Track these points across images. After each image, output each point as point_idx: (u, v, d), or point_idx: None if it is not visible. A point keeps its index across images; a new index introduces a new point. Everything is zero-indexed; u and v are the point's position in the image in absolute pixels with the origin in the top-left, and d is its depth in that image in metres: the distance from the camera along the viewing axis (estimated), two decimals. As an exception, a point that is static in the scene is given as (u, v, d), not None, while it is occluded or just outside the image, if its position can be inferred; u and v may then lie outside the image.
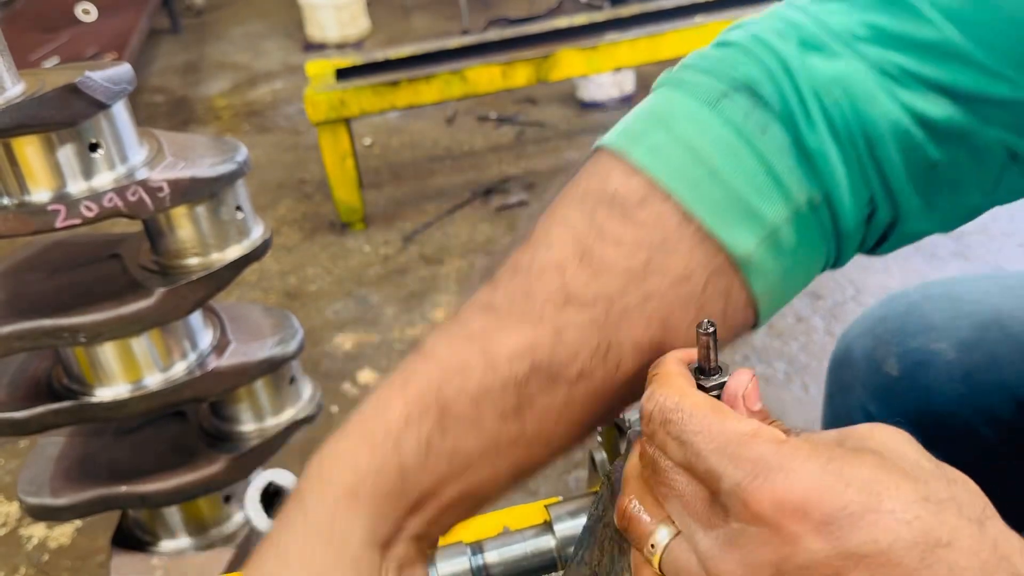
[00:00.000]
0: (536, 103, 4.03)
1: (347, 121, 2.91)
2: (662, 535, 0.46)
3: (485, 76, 2.89)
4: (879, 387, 0.89)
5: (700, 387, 0.50)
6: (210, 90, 4.70)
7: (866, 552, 0.38)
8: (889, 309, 0.93)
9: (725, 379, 0.50)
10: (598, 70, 3.06)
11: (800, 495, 0.39)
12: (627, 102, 3.78)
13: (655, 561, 0.46)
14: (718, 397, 0.50)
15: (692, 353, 0.52)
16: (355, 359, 2.48)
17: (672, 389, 0.47)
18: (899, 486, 0.39)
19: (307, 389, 1.26)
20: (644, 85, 3.79)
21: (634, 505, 0.48)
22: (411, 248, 3.01)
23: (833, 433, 0.45)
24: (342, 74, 2.98)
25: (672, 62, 0.60)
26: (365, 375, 2.41)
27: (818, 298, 2.48)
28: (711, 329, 0.49)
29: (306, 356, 2.49)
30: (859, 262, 2.50)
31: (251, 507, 0.83)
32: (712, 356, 0.50)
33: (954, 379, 0.83)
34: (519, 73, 2.90)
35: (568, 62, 2.93)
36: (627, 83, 3.76)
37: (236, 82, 4.77)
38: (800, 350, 2.28)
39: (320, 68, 3.02)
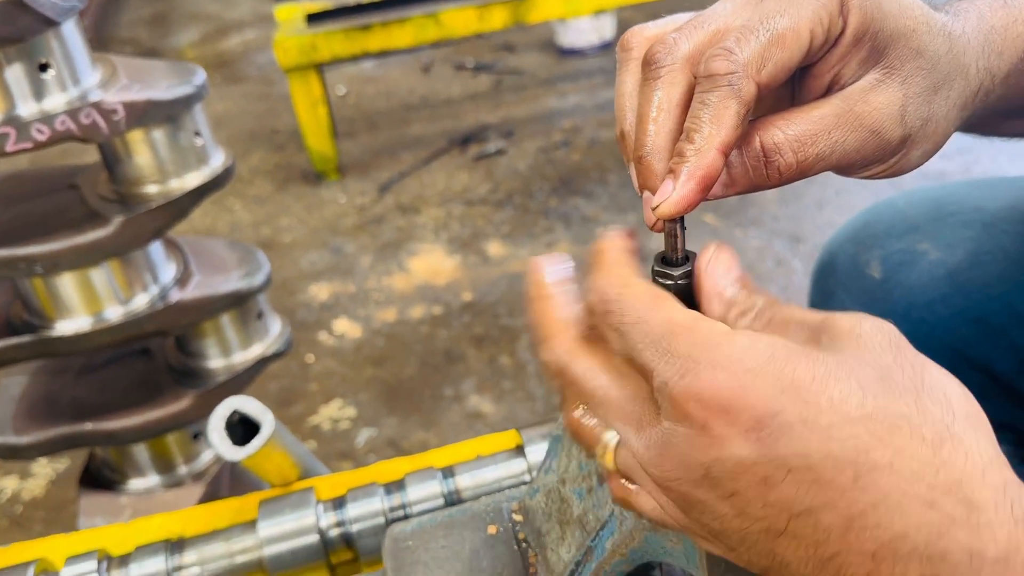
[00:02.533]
0: (514, 50, 3.96)
1: (318, 67, 2.85)
2: (610, 436, 0.44)
3: (460, 19, 2.82)
4: (862, 291, 0.87)
5: (663, 276, 0.47)
6: (179, 41, 4.59)
7: (794, 465, 0.36)
8: (873, 215, 0.91)
9: (691, 268, 0.47)
10: (576, 12, 2.99)
11: (728, 395, 0.36)
12: (607, 48, 3.73)
13: (609, 462, 0.44)
14: (684, 288, 0.48)
15: (630, 235, 0.49)
16: (331, 308, 2.45)
17: (614, 278, 0.44)
18: (844, 399, 0.36)
19: (276, 325, 1.23)
20: (624, 31, 3.73)
21: (580, 411, 0.46)
22: (387, 198, 2.96)
23: (817, 317, 0.41)
24: (313, 19, 2.91)
25: (653, 5, 0.57)
26: (342, 324, 2.38)
27: (798, 242, 2.47)
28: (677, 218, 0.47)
29: (281, 306, 2.46)
30: (840, 207, 2.49)
31: (215, 435, 0.81)
32: (678, 245, 0.47)
33: (937, 278, 0.82)
34: (495, 15, 2.84)
35: (546, 3, 2.87)
36: (607, 29, 3.70)
37: (206, 32, 4.66)
38: (780, 293, 2.27)
39: (290, 13, 2.94)
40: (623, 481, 0.45)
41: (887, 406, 0.36)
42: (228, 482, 1.23)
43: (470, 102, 3.57)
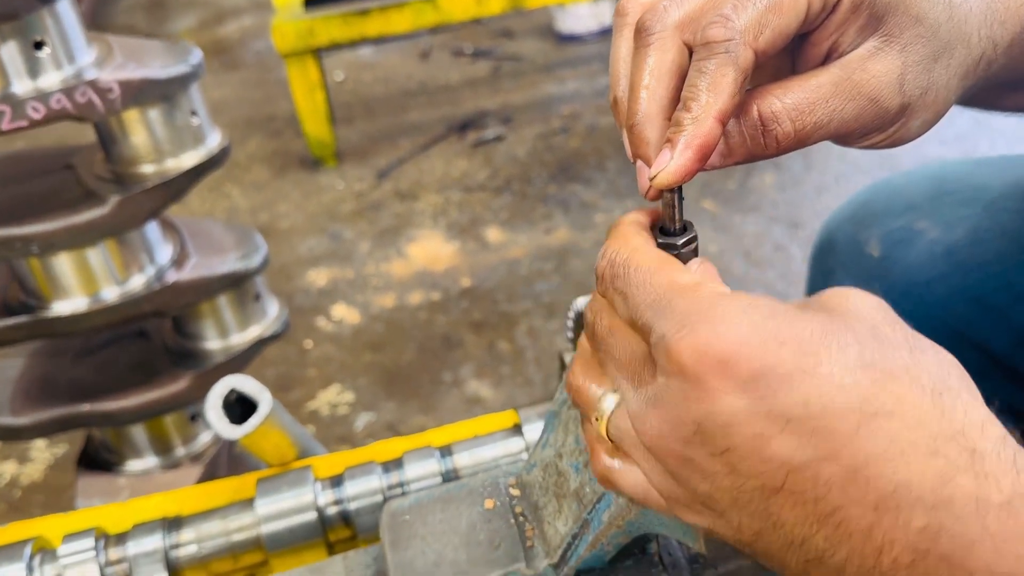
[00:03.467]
0: (513, 36, 3.94)
1: (316, 52, 2.83)
2: (608, 402, 0.44)
3: (458, 4, 2.81)
4: (861, 269, 0.87)
5: (667, 247, 0.48)
6: (177, 27, 4.57)
7: (793, 415, 0.35)
8: (872, 194, 0.91)
9: (689, 236, 0.48)
10: (575, -2, 2.98)
11: (725, 349, 0.37)
12: (606, 34, 3.71)
13: (602, 428, 0.45)
14: (681, 256, 0.48)
15: (651, 215, 0.50)
16: (329, 294, 2.45)
17: (624, 244, 0.44)
18: (843, 350, 0.36)
19: (273, 307, 1.23)
20: (622, 18, 3.71)
21: (580, 375, 0.47)
22: (385, 184, 2.96)
23: (801, 300, 0.43)
24: (310, 3, 2.89)
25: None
26: (340, 310, 2.38)
27: (797, 227, 2.46)
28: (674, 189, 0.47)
29: (279, 291, 2.46)
30: (839, 193, 2.48)
31: (212, 414, 0.80)
32: (676, 216, 0.48)
33: (936, 256, 0.82)
34: (493, 0, 2.82)
35: (544, -12, 2.86)
36: (605, 15, 3.69)
37: (203, 19, 4.64)
38: (778, 278, 2.27)
39: (288, -3, 2.92)
40: (606, 457, 0.45)
41: (884, 357, 0.37)
42: (226, 464, 1.23)
43: (468, 88, 3.56)
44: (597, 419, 0.45)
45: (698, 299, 0.39)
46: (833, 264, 0.91)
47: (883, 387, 0.36)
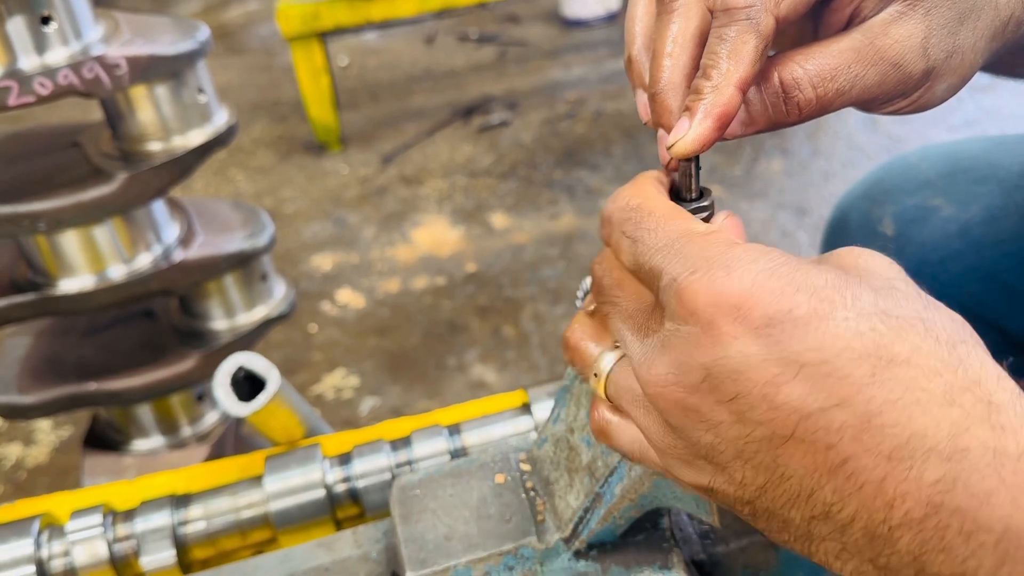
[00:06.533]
0: (518, 21, 3.93)
1: (321, 36, 2.82)
2: (607, 361, 0.45)
3: (465, -13, 2.80)
4: (874, 248, 0.86)
5: None
6: (181, 12, 4.55)
7: (808, 360, 0.34)
8: (886, 172, 0.90)
9: (706, 203, 0.47)
10: (581, -17, 2.96)
11: (739, 293, 0.36)
12: (612, 20, 3.69)
13: (600, 387, 0.45)
14: (703, 221, 0.47)
15: (671, 178, 0.49)
16: (334, 279, 2.44)
17: (639, 192, 0.44)
18: (857, 297, 0.36)
19: (280, 287, 1.23)
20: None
21: (578, 334, 0.47)
22: (390, 169, 2.95)
23: (815, 257, 0.43)
24: (316, -13, 2.88)
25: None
26: (345, 294, 2.37)
27: (804, 214, 2.46)
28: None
29: (284, 276, 2.45)
30: (846, 179, 2.47)
31: (221, 391, 0.80)
32: (693, 184, 0.47)
33: (950, 234, 0.81)
34: (499, -16, 2.81)
35: (550, -26, 2.84)
36: (612, 0, 3.67)
37: (208, 3, 4.62)
38: (784, 264, 2.26)
39: (293, -19, 2.91)
40: (604, 412, 0.46)
41: (899, 307, 0.36)
42: (232, 444, 1.23)
43: (474, 73, 3.55)
44: (596, 376, 0.45)
45: (711, 245, 0.38)
46: (846, 243, 0.90)
47: (898, 335, 0.35)
